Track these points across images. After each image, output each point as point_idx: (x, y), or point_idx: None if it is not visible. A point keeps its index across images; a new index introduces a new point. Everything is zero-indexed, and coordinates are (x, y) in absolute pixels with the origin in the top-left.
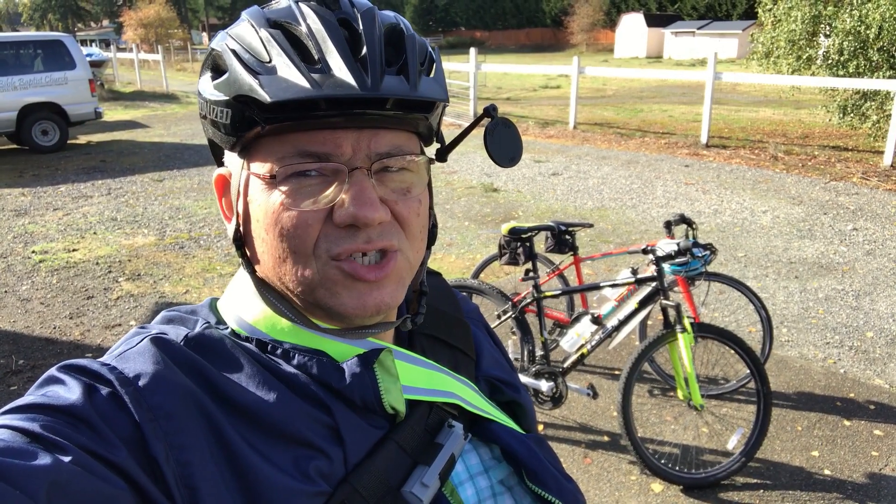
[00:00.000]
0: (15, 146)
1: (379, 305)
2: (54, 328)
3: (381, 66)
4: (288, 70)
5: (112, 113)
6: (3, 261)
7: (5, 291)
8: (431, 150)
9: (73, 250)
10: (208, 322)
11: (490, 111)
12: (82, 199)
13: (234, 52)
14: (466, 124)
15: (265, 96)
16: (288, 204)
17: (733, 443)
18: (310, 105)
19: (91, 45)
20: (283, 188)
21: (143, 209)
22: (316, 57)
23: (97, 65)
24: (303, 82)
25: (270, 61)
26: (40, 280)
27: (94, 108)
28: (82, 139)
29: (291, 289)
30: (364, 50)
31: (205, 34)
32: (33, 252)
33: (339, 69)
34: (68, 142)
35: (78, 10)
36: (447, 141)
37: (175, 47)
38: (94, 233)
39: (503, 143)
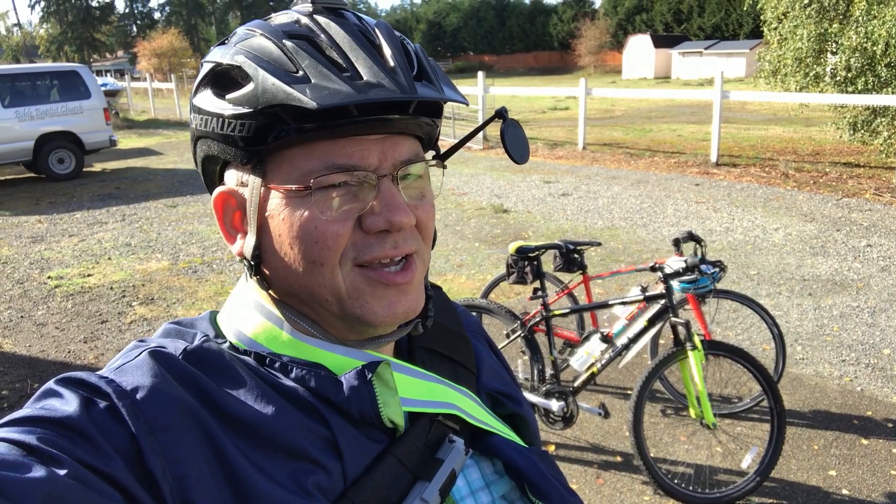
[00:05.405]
0: (32, 174)
1: (407, 311)
2: (69, 352)
3: (408, 71)
4: (323, 78)
5: (126, 141)
6: (19, 286)
7: (21, 316)
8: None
9: (88, 275)
10: (207, 335)
11: (502, 112)
12: (97, 226)
13: (259, 64)
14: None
15: (310, 103)
16: (317, 215)
17: (748, 462)
18: (342, 112)
19: (106, 76)
20: (312, 200)
21: (156, 234)
22: (344, 65)
23: (112, 94)
24: (345, 88)
25: (298, 71)
26: (56, 305)
27: (108, 137)
28: (97, 167)
29: (318, 301)
30: (391, 57)
31: None
32: (49, 277)
33: (375, 75)
34: (84, 169)
35: (93, 41)
36: (442, 150)
37: (188, 76)
38: (109, 258)
39: (516, 141)
